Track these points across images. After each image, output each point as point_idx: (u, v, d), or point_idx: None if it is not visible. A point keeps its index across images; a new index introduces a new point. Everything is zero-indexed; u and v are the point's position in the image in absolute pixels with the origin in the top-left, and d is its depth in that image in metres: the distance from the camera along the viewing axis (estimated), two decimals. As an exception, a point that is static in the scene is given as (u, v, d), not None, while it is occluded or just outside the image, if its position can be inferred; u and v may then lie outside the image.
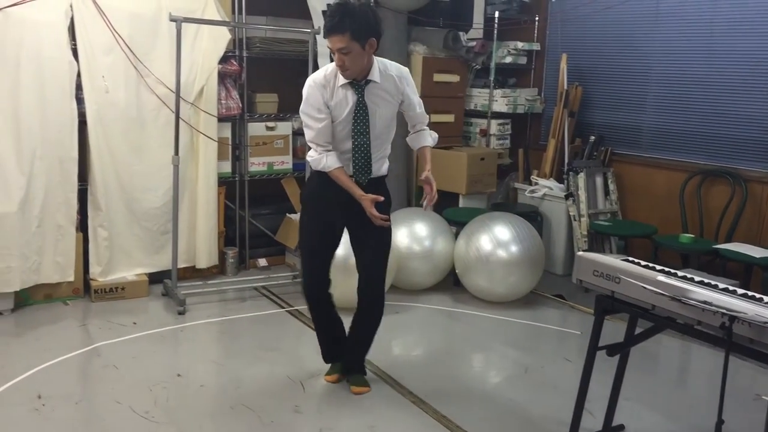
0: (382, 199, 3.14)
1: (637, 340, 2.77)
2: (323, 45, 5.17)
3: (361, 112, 3.08)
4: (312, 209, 3.28)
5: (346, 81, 3.03)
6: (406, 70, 3.23)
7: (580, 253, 2.70)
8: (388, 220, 3.18)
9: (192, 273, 4.94)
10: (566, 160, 5.52)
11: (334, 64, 3.04)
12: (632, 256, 2.85)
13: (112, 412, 3.09)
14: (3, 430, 2.92)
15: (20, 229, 4.16)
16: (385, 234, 3.27)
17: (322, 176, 3.16)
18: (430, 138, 3.42)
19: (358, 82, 3.05)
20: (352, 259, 4.20)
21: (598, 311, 2.66)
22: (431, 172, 3.23)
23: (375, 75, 3.06)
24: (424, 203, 3.26)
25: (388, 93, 3.13)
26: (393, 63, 3.21)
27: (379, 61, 3.11)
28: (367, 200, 3.09)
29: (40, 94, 4.17)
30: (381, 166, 3.25)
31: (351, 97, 3.06)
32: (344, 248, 4.24)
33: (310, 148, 3.18)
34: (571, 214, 5.31)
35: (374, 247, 3.27)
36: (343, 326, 3.49)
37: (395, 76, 3.13)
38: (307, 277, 3.37)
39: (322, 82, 3.07)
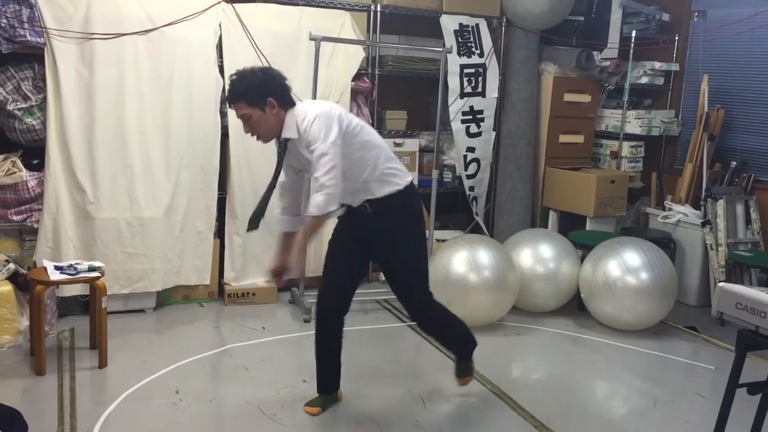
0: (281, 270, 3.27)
1: (783, 380, 2.60)
2: (454, 64, 5.25)
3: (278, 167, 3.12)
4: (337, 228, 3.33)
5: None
6: (312, 116, 2.93)
7: (722, 284, 2.57)
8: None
9: (317, 282, 5.04)
10: (704, 186, 5.26)
11: None
12: (777, 290, 2.68)
13: (242, 412, 3.25)
14: (145, 421, 3.14)
15: (165, 233, 4.45)
16: (398, 251, 3.17)
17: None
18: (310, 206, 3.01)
19: (280, 141, 3.05)
20: (471, 276, 4.25)
21: (739, 346, 2.52)
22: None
23: (290, 131, 3.00)
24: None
25: (307, 148, 2.99)
26: (312, 110, 2.97)
27: (298, 114, 2.98)
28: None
29: (188, 108, 4.46)
30: (366, 194, 3.10)
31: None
32: (465, 265, 4.29)
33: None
34: (707, 242, 5.05)
35: (393, 265, 3.24)
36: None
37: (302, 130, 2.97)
38: (325, 289, 3.30)
39: None
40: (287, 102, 3.00)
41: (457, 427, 3.23)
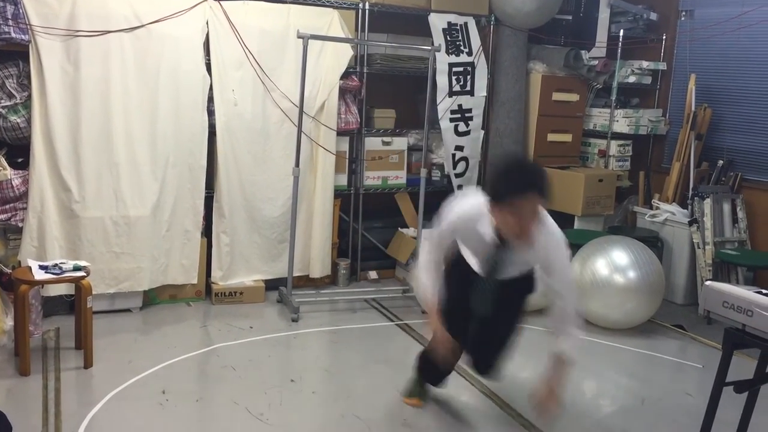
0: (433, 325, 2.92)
1: (769, 378, 2.61)
2: (443, 62, 5.24)
3: (492, 263, 2.84)
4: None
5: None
6: (562, 237, 2.77)
7: (709, 282, 2.58)
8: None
9: (305, 282, 5.07)
10: (691, 185, 5.28)
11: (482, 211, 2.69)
12: (762, 288, 2.69)
13: (229, 412, 3.22)
14: (131, 421, 3.11)
15: (151, 232, 4.41)
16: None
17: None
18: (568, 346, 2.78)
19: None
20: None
21: (726, 345, 2.53)
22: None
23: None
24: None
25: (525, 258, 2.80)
26: (557, 229, 2.80)
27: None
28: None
29: (175, 105, 4.42)
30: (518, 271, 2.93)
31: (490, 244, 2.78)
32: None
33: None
34: (694, 241, 5.07)
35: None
36: None
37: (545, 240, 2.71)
38: None
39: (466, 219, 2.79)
40: None
41: (446, 426, 3.22)
